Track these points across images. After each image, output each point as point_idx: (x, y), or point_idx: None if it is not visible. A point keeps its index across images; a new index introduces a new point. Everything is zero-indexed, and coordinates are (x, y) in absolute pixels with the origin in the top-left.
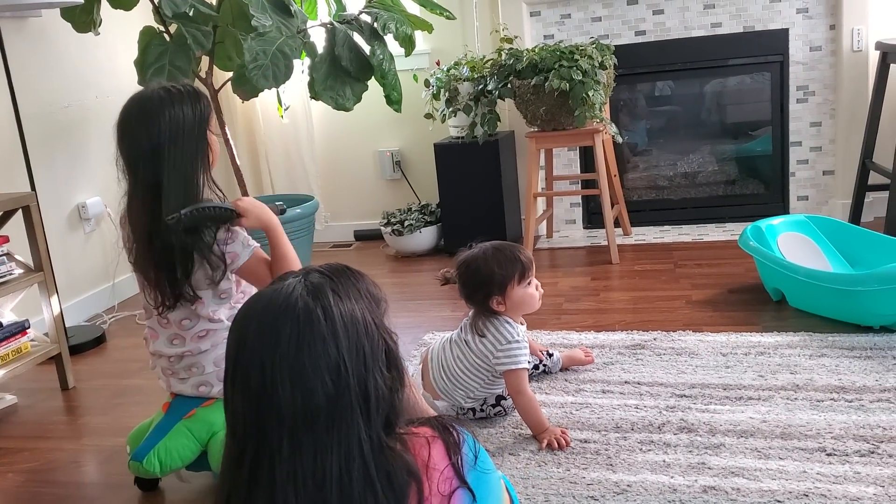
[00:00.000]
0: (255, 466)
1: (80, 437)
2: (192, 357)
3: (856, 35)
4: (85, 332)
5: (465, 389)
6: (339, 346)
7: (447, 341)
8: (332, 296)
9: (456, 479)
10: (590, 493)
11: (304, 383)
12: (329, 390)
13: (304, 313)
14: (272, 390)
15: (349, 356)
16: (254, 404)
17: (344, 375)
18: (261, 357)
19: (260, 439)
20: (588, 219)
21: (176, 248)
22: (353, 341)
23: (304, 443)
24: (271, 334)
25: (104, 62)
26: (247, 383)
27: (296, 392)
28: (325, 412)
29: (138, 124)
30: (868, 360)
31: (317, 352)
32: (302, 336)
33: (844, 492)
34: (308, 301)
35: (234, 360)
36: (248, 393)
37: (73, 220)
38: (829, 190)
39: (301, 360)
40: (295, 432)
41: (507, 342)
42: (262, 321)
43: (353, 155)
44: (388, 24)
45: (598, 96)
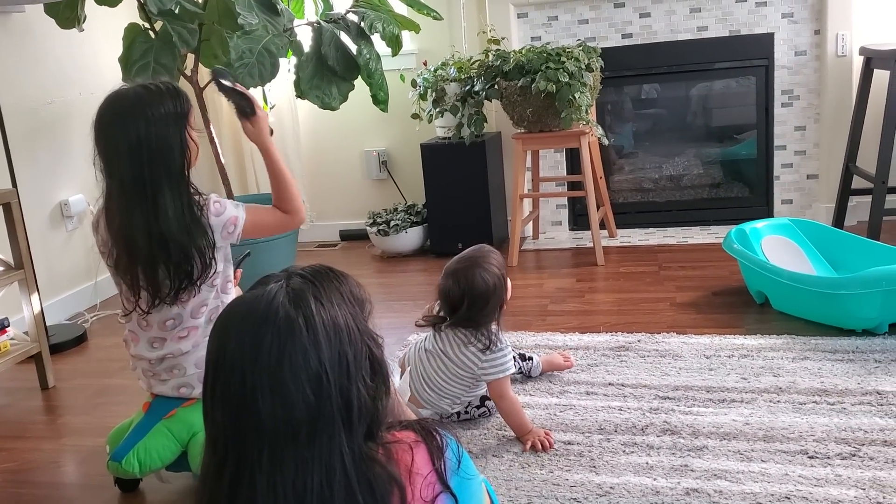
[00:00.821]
0: (236, 479)
1: (59, 437)
2: (174, 359)
3: (840, 40)
4: (66, 330)
5: (450, 398)
6: (320, 357)
7: (421, 351)
8: (314, 303)
9: (439, 484)
10: (573, 494)
11: (284, 395)
12: (310, 402)
13: (286, 323)
14: (252, 402)
15: (331, 366)
16: (234, 416)
17: (326, 386)
18: (241, 367)
19: (240, 451)
20: (574, 220)
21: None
22: (336, 350)
23: (285, 455)
24: (252, 345)
25: (88, 59)
26: (227, 394)
27: (276, 404)
28: (307, 424)
29: (115, 123)
30: (850, 364)
31: (298, 363)
32: (283, 347)
33: (826, 494)
34: (290, 310)
35: (213, 370)
36: (228, 404)
37: (56, 217)
38: (813, 194)
39: (282, 372)
40: (276, 445)
41: (491, 353)
42: (243, 330)
43: (340, 154)
44: (374, 23)
45: (585, 98)
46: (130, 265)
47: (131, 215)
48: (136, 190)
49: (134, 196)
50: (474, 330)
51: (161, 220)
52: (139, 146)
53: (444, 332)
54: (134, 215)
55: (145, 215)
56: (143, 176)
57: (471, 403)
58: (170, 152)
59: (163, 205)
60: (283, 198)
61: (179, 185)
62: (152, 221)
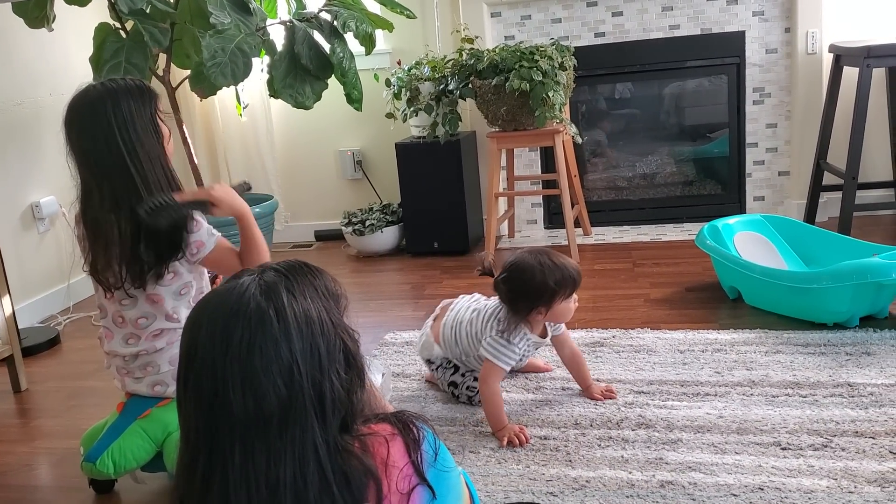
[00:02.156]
0: (208, 472)
1: (32, 439)
2: (148, 356)
3: (810, 38)
4: (39, 333)
5: (462, 350)
6: (292, 349)
7: (474, 301)
8: (286, 295)
9: (415, 476)
10: (549, 489)
11: (255, 387)
12: (282, 394)
13: (257, 314)
14: (223, 394)
15: (303, 358)
16: (206, 409)
17: (297, 378)
18: (212, 360)
19: (212, 444)
20: (549, 219)
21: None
22: (308, 342)
23: (256, 448)
24: (223, 337)
25: (58, 59)
26: (199, 387)
27: (247, 396)
28: (278, 416)
29: (86, 115)
30: (822, 357)
31: (269, 355)
32: (253, 339)
33: (798, 485)
34: (261, 301)
35: (185, 363)
36: (200, 397)
37: (27, 219)
38: (785, 190)
39: (253, 364)
40: (247, 437)
41: (501, 338)
42: (214, 323)
43: (314, 154)
44: (348, 22)
45: (559, 97)
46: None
47: (113, 197)
48: (117, 170)
49: (115, 177)
50: (507, 312)
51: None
52: (112, 129)
53: (493, 297)
54: (116, 196)
55: (128, 194)
56: (122, 156)
57: (469, 387)
58: (146, 133)
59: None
60: (249, 260)
61: (160, 163)
62: (135, 200)
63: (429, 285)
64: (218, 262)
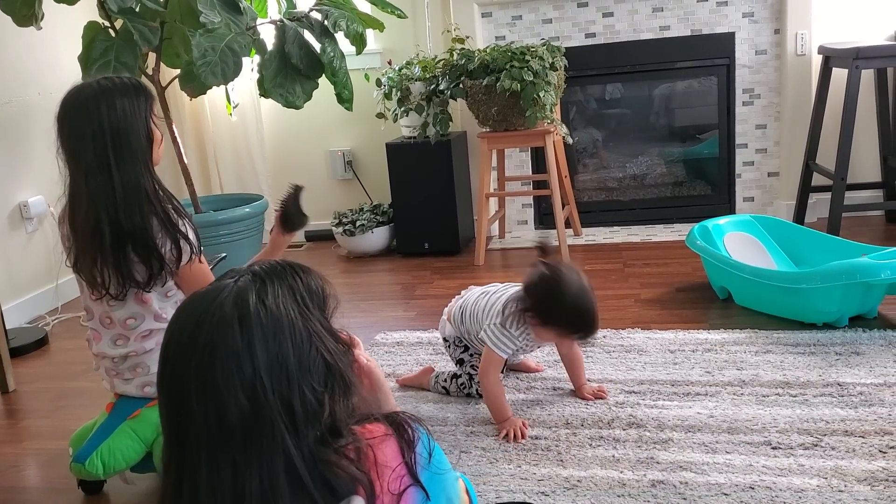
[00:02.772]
0: (179, 477)
1: (20, 440)
2: (137, 357)
3: (800, 39)
4: (26, 333)
5: (466, 328)
6: (255, 363)
7: (490, 287)
8: (254, 303)
9: (408, 476)
10: (540, 488)
11: (216, 398)
12: (244, 408)
13: (221, 324)
14: (187, 403)
15: (267, 373)
16: (174, 414)
17: (261, 393)
18: (179, 367)
19: (181, 451)
20: (539, 219)
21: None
22: (274, 354)
23: (220, 459)
24: (188, 344)
25: (47, 58)
26: (168, 392)
27: (209, 408)
28: (241, 429)
29: (78, 113)
30: (812, 356)
31: (229, 368)
32: (215, 350)
33: (789, 484)
34: (227, 311)
35: (161, 366)
36: (169, 402)
37: (15, 219)
38: (774, 191)
39: (213, 375)
40: (211, 448)
41: (497, 329)
42: (185, 329)
43: (304, 155)
44: (338, 21)
45: (549, 97)
46: (95, 253)
47: (97, 201)
48: (102, 175)
49: (99, 181)
50: (520, 306)
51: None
52: (102, 131)
53: (511, 287)
54: (99, 201)
55: (112, 200)
56: (107, 160)
57: (474, 366)
58: (136, 137)
59: (130, 186)
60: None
61: (147, 169)
62: (119, 206)
63: (419, 286)
64: (187, 280)
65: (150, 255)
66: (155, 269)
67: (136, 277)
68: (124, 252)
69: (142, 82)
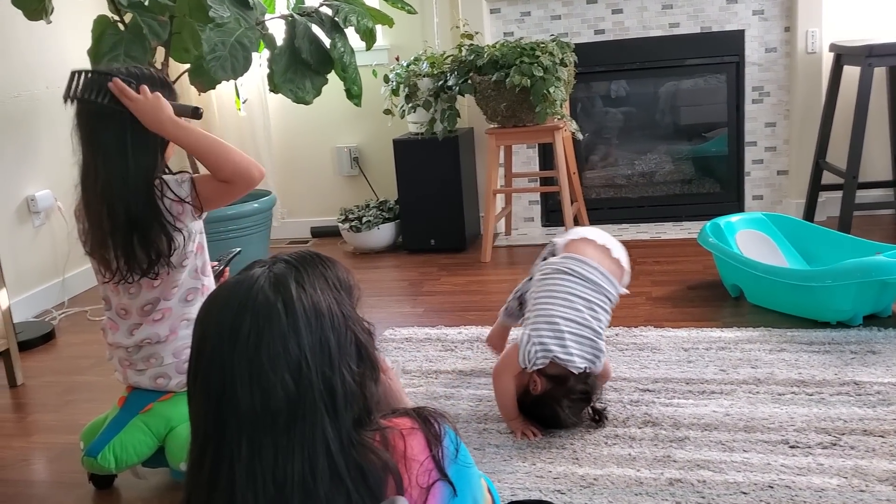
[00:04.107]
0: (215, 467)
1: (29, 434)
2: (151, 346)
3: (810, 37)
4: (33, 328)
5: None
6: (300, 343)
7: (562, 273)
8: (295, 287)
9: (436, 471)
10: (556, 486)
11: (263, 382)
12: (290, 389)
13: (265, 309)
14: (231, 389)
15: (312, 353)
16: (213, 403)
17: (306, 373)
18: (220, 354)
19: (220, 440)
20: (546, 217)
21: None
22: (317, 336)
23: (264, 444)
24: (231, 331)
25: (56, 52)
26: (207, 381)
27: (255, 391)
28: (286, 412)
29: None
30: (826, 355)
31: (276, 350)
32: (261, 334)
33: (808, 483)
34: (269, 295)
35: (195, 357)
36: (208, 392)
37: (22, 213)
38: (784, 189)
39: (260, 359)
40: (255, 433)
41: (528, 340)
42: (223, 317)
43: (311, 151)
44: (349, 16)
45: (559, 93)
46: (105, 236)
47: (110, 186)
48: (118, 160)
49: (114, 165)
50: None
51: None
52: (123, 114)
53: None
54: (113, 186)
55: (125, 186)
56: (125, 146)
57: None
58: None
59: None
60: (217, 169)
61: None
62: (130, 193)
63: (426, 282)
64: (211, 195)
65: (150, 245)
66: (153, 258)
67: (141, 264)
68: (131, 238)
69: (166, 77)
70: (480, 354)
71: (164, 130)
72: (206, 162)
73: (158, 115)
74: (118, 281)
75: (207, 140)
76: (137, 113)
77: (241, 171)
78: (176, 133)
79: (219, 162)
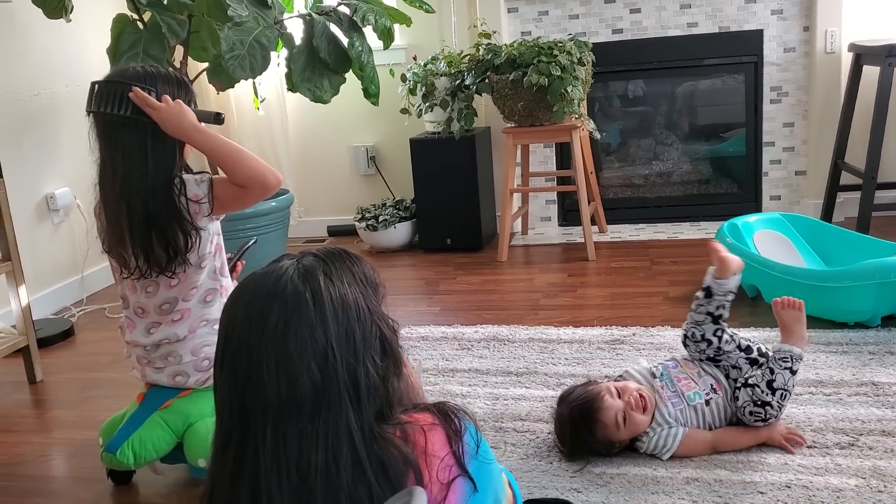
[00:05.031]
0: (240, 455)
1: (48, 430)
2: (170, 345)
3: (829, 37)
4: (52, 325)
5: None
6: (327, 333)
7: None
8: (323, 279)
9: (456, 466)
10: (573, 485)
11: (290, 371)
12: (316, 378)
13: (293, 298)
14: (258, 377)
15: (338, 343)
16: (239, 391)
17: (332, 363)
18: (248, 342)
19: (244, 427)
20: (563, 216)
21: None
22: (344, 328)
23: (288, 432)
24: (259, 319)
25: (75, 50)
26: (234, 369)
27: (281, 379)
28: (312, 401)
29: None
30: (844, 356)
31: (304, 338)
32: (289, 322)
33: (826, 483)
34: (298, 285)
35: (223, 344)
36: (234, 379)
37: (42, 211)
38: (801, 190)
39: (287, 347)
40: (280, 421)
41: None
42: (251, 305)
43: (328, 150)
44: (367, 15)
45: (577, 92)
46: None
47: (129, 183)
48: (138, 156)
49: (133, 162)
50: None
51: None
52: (146, 119)
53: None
54: (131, 182)
55: (143, 184)
56: (146, 142)
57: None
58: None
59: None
60: (234, 174)
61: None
62: (149, 190)
63: (442, 281)
64: (227, 199)
65: (168, 242)
66: (171, 255)
67: (160, 261)
68: (149, 235)
69: (184, 77)
70: (497, 353)
71: (186, 136)
72: (224, 166)
73: (180, 122)
74: (137, 278)
75: (226, 145)
76: (160, 121)
77: (257, 177)
78: (197, 139)
79: (236, 167)
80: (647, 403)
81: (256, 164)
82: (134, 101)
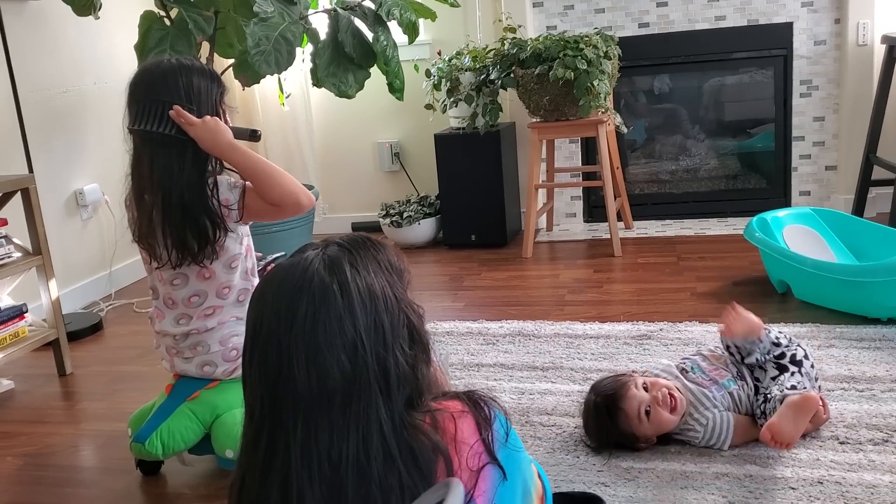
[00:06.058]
0: (271, 448)
1: (78, 422)
2: (198, 335)
3: (861, 29)
4: (82, 319)
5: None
6: (356, 324)
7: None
8: (349, 270)
9: (486, 454)
10: (600, 479)
11: (319, 362)
12: (346, 369)
13: (321, 290)
14: (288, 370)
15: (367, 333)
16: (270, 384)
17: (361, 353)
18: (277, 336)
19: (275, 420)
20: (589, 212)
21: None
22: (372, 317)
23: (319, 424)
24: (287, 312)
25: (103, 47)
26: (264, 362)
27: (311, 371)
28: (342, 392)
29: (156, 80)
30: (877, 351)
31: (333, 330)
32: (318, 314)
33: (860, 479)
34: (325, 276)
35: (251, 339)
36: (264, 372)
37: (71, 206)
38: (832, 185)
39: (316, 339)
40: (310, 413)
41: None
42: (279, 298)
43: (352, 146)
44: (392, 10)
45: (603, 86)
46: (154, 224)
47: (169, 168)
48: (172, 147)
49: (169, 153)
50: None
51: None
52: (180, 103)
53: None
54: (172, 168)
55: (178, 175)
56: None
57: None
58: (209, 112)
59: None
60: (267, 193)
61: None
62: (185, 182)
63: (467, 277)
64: (257, 210)
65: (200, 232)
66: (202, 244)
67: (192, 250)
68: (183, 224)
69: (216, 72)
70: (522, 348)
71: (222, 153)
72: (258, 185)
73: (217, 140)
74: (167, 268)
75: (261, 164)
76: (197, 137)
77: (290, 197)
78: (232, 156)
79: (270, 186)
80: (676, 404)
81: (290, 185)
82: (174, 118)
